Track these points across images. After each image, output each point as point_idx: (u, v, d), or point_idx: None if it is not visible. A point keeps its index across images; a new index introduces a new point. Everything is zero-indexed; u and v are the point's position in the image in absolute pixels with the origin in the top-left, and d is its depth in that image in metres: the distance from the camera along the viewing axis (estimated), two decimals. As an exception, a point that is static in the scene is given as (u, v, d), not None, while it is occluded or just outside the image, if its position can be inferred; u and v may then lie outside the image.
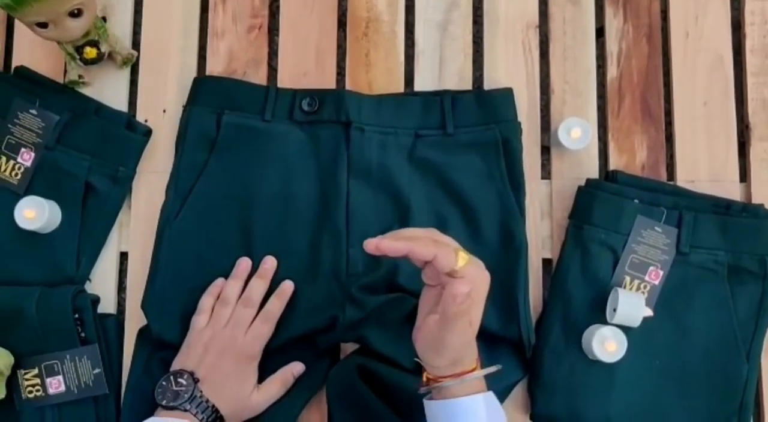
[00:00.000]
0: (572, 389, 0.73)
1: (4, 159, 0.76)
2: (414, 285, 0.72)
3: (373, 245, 0.58)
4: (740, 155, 0.80)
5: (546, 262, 0.78)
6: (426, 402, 0.63)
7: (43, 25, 0.71)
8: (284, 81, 0.81)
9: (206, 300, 0.74)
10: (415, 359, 0.64)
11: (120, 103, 0.80)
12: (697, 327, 0.74)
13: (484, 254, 0.73)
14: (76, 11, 0.70)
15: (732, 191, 0.78)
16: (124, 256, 0.79)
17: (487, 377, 0.64)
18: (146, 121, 0.80)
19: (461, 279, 0.57)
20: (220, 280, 0.75)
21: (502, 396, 0.73)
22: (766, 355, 0.75)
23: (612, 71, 0.81)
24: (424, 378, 0.63)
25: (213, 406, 0.68)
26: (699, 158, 0.79)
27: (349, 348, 0.76)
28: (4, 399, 0.71)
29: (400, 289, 0.73)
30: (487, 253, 0.73)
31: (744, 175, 0.80)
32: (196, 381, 0.69)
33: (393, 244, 0.58)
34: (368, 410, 0.70)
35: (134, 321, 0.76)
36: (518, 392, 0.75)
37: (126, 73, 0.81)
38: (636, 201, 0.75)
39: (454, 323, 0.58)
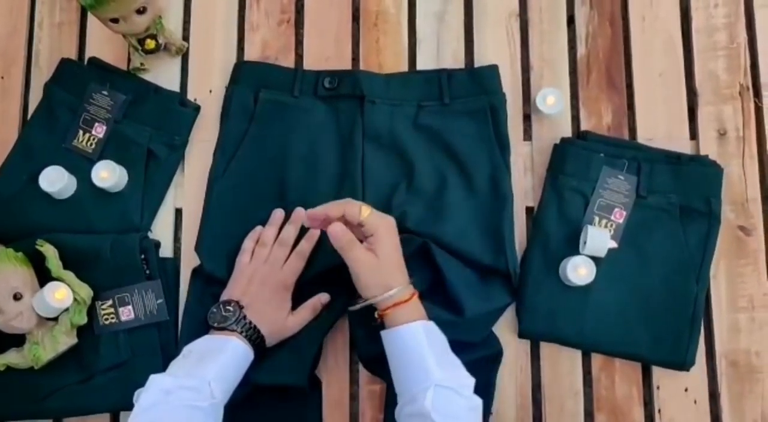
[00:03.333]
0: (551, 310, 0.82)
1: (81, 132, 0.88)
2: (418, 228, 0.83)
3: (305, 217, 0.76)
4: (690, 118, 0.89)
5: (529, 210, 0.87)
6: (381, 334, 0.74)
7: (115, 21, 0.83)
8: (309, 64, 0.91)
9: (248, 243, 0.84)
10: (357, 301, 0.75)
11: (174, 85, 0.91)
12: (654, 257, 0.83)
13: (476, 202, 0.84)
14: (142, 9, 0.83)
15: (684, 147, 0.88)
16: (178, 212, 0.89)
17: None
18: (195, 99, 0.90)
19: (334, 224, 0.73)
20: (259, 227, 0.85)
21: (493, 319, 0.83)
22: (714, 280, 0.85)
23: (581, 50, 0.91)
24: (376, 315, 0.74)
25: (255, 327, 0.77)
26: (656, 120, 0.89)
27: (366, 281, 0.86)
28: (85, 326, 0.81)
29: (408, 231, 0.82)
30: (479, 201, 0.85)
31: (693, 134, 0.89)
32: (241, 307, 0.78)
33: (314, 211, 0.75)
34: (380, 329, 0.77)
35: (188, 263, 0.86)
36: (507, 315, 0.84)
37: (178, 60, 0.92)
38: (602, 154, 0.85)
39: (345, 255, 0.73)
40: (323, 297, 0.84)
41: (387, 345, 0.74)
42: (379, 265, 0.73)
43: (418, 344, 0.71)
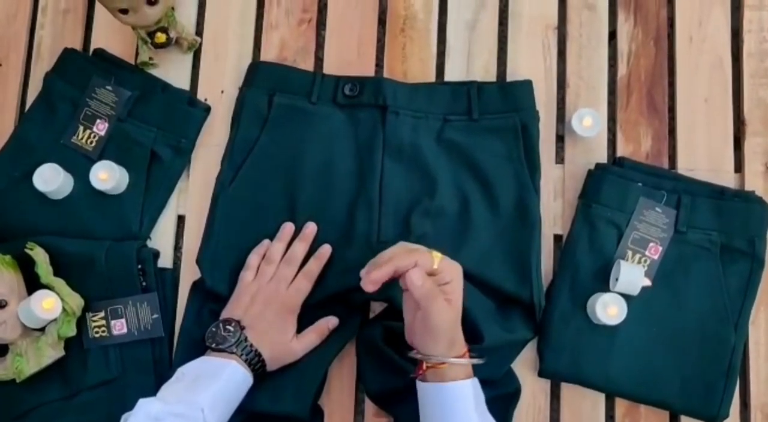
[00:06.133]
0: (577, 349, 0.78)
1: (81, 128, 0.83)
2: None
3: (369, 282, 0.65)
4: (735, 148, 0.84)
5: (557, 238, 0.83)
6: (419, 385, 0.69)
7: (124, 11, 0.79)
8: (329, 69, 0.87)
9: (253, 258, 0.79)
10: (410, 354, 0.69)
11: (183, 83, 0.87)
12: (691, 298, 0.79)
13: (501, 226, 0.80)
14: (153, 0, 0.79)
15: (727, 180, 0.83)
16: (181, 219, 0.85)
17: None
18: (206, 99, 0.86)
19: (414, 269, 0.64)
20: (266, 241, 0.80)
21: (513, 354, 0.78)
22: (753, 326, 0.80)
23: (622, 69, 0.86)
24: (423, 366, 0.67)
25: (256, 350, 0.73)
26: (698, 149, 0.84)
27: (377, 306, 0.81)
28: (73, 338, 0.77)
29: None
30: (504, 225, 0.80)
31: (738, 166, 0.84)
32: (242, 328, 0.74)
33: (380, 272, 0.65)
34: (390, 363, 0.75)
35: (188, 276, 0.82)
36: (527, 352, 0.79)
37: (190, 56, 0.88)
38: (640, 184, 0.80)
39: (428, 306, 0.64)
40: (331, 322, 0.79)
41: (427, 398, 0.68)
42: (456, 319, 0.67)
43: (466, 404, 0.66)
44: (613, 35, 0.88)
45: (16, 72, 0.89)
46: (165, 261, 0.83)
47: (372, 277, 0.65)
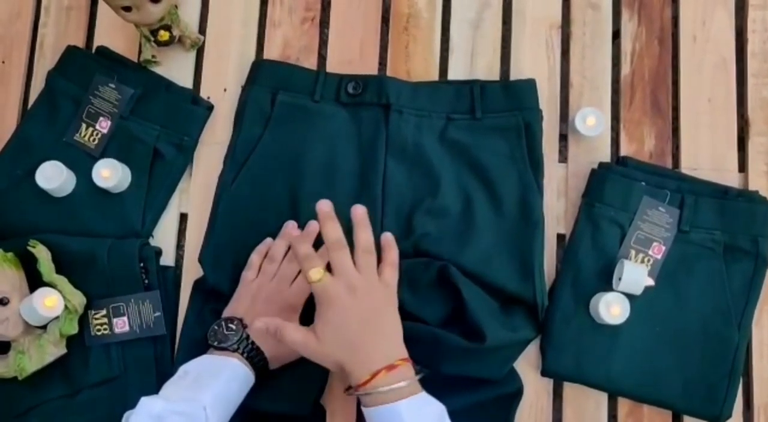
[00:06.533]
0: (579, 349, 0.77)
1: (84, 126, 0.83)
2: (439, 250, 0.78)
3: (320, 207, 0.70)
4: (739, 148, 0.84)
5: (560, 237, 0.82)
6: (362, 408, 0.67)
7: (128, 9, 0.78)
8: (332, 67, 0.86)
9: (255, 257, 0.79)
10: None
11: (186, 81, 0.86)
12: (694, 298, 0.78)
13: (504, 225, 0.80)
14: None
15: (731, 180, 0.82)
16: (183, 217, 0.84)
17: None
18: (209, 98, 0.85)
19: (259, 319, 0.68)
20: (268, 240, 0.80)
21: (515, 353, 0.78)
22: (756, 326, 0.80)
23: (626, 69, 0.86)
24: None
25: (258, 349, 0.72)
26: (702, 149, 0.84)
27: (380, 305, 0.81)
28: (76, 336, 0.77)
29: (427, 255, 0.78)
30: (507, 225, 0.80)
31: (742, 166, 0.84)
32: (244, 326, 0.74)
33: (327, 217, 0.69)
34: None
35: (190, 274, 0.82)
36: (530, 351, 0.79)
37: (192, 55, 0.87)
38: (643, 183, 0.80)
39: (284, 342, 0.68)
40: (333, 321, 0.78)
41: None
42: (320, 345, 0.67)
43: None
44: (616, 34, 0.88)
45: (19, 70, 0.88)
46: (167, 259, 0.83)
47: (320, 204, 0.70)
